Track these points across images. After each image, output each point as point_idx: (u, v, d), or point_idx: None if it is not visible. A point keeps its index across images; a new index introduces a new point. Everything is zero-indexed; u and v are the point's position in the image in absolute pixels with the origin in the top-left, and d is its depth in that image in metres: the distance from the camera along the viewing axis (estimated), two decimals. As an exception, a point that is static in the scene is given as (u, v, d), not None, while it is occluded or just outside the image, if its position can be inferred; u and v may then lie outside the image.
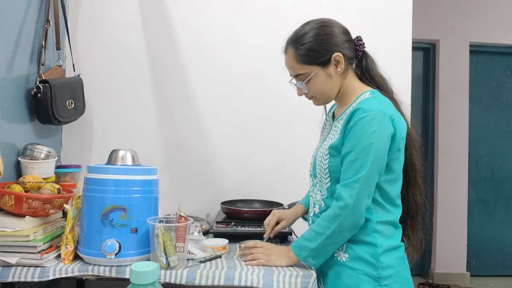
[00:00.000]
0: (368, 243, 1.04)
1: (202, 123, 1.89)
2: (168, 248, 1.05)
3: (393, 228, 1.08)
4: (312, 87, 1.11)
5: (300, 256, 1.07)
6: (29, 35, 1.51)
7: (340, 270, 1.06)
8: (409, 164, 1.12)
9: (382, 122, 1.00)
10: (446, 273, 3.31)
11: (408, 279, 1.07)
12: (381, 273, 1.01)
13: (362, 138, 0.99)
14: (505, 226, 3.50)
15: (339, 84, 1.12)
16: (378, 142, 0.99)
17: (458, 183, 3.37)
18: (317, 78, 1.09)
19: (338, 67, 1.08)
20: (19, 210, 1.16)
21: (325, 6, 1.92)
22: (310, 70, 1.09)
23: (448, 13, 3.37)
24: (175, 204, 1.39)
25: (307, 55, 1.07)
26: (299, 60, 1.09)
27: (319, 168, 1.12)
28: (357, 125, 1.00)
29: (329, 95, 1.13)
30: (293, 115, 1.91)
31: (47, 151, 1.46)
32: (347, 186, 1.00)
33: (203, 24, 1.89)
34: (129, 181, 1.12)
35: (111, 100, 1.86)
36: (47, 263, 1.08)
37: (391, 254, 1.04)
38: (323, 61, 1.07)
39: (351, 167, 1.01)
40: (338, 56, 1.07)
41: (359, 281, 1.02)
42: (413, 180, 1.14)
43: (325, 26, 1.10)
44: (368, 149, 0.98)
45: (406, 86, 1.93)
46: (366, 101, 1.04)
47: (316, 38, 1.07)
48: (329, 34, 1.08)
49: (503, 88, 3.53)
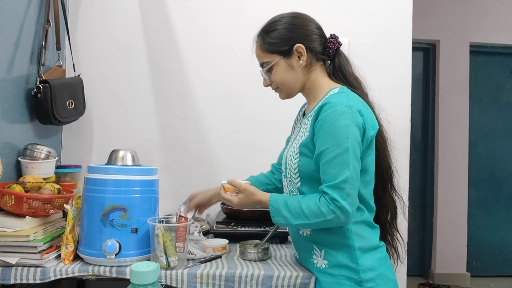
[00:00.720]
0: (346, 246, 1.02)
1: (202, 123, 1.89)
2: (168, 248, 1.05)
3: (369, 228, 1.06)
4: (274, 77, 1.11)
5: (274, 218, 1.03)
6: (29, 35, 1.51)
7: (321, 277, 1.05)
8: (384, 166, 1.10)
9: (352, 115, 0.96)
10: (446, 274, 3.31)
11: (391, 278, 1.05)
12: (362, 276, 0.99)
13: (335, 133, 0.96)
14: (505, 226, 3.50)
15: (303, 78, 1.10)
16: (352, 136, 0.96)
17: (458, 184, 3.37)
18: (278, 67, 1.09)
19: (300, 59, 1.07)
20: (19, 210, 1.16)
21: (325, 7, 1.92)
22: (272, 59, 1.09)
23: (448, 14, 3.37)
24: (175, 204, 1.39)
25: (270, 43, 1.09)
26: (263, 48, 1.10)
27: (289, 168, 1.09)
28: (327, 120, 0.97)
29: (291, 87, 1.12)
30: (292, 116, 1.89)
31: (47, 151, 1.46)
32: (336, 187, 0.95)
33: (203, 25, 1.89)
34: (129, 181, 1.12)
35: (111, 100, 1.86)
36: (47, 263, 1.08)
37: (370, 255, 1.02)
38: (285, 51, 1.07)
39: (331, 166, 0.96)
40: (300, 48, 1.07)
41: (341, 286, 1.00)
42: (388, 183, 1.12)
43: (294, 17, 1.11)
44: (345, 145, 0.95)
45: (406, 86, 1.93)
46: (333, 96, 1.03)
47: (282, 27, 1.08)
48: (296, 25, 1.09)
49: (503, 88, 3.53)
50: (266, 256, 1.21)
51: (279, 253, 1.30)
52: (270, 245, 1.40)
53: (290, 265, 1.14)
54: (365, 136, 1.00)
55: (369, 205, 1.07)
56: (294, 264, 1.15)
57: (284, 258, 1.23)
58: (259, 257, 1.19)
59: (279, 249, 1.36)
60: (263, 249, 1.20)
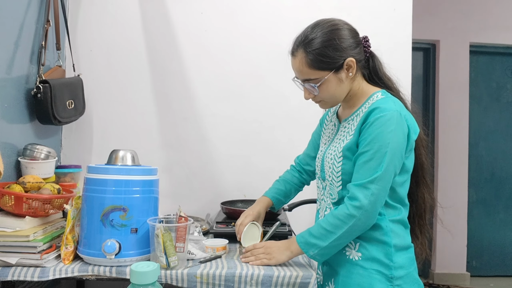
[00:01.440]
0: (382, 242, 1.03)
1: (202, 123, 1.89)
2: (168, 248, 1.05)
3: (403, 227, 1.08)
4: (323, 92, 1.07)
5: (308, 253, 1.05)
6: (29, 35, 1.51)
7: (352, 269, 1.05)
8: (418, 163, 1.12)
9: (399, 122, 0.99)
10: (446, 274, 3.31)
11: (417, 280, 1.07)
12: (394, 273, 1.01)
13: (379, 137, 0.98)
14: (505, 226, 3.50)
15: (349, 88, 1.09)
16: (395, 142, 0.98)
17: (458, 184, 3.37)
18: (329, 83, 1.05)
19: (349, 71, 1.06)
20: (19, 210, 1.16)
21: (325, 7, 1.92)
22: (322, 76, 1.04)
23: (448, 14, 3.37)
24: (175, 204, 1.39)
25: (320, 61, 1.03)
26: (311, 66, 1.04)
27: (330, 171, 1.10)
28: (374, 124, 0.99)
29: (338, 99, 1.11)
30: (292, 116, 1.91)
31: (47, 151, 1.46)
32: (362, 186, 0.98)
33: (203, 25, 1.89)
34: (129, 181, 1.12)
35: (111, 100, 1.86)
36: (47, 263, 1.08)
37: (403, 254, 1.04)
38: (336, 67, 1.04)
39: (365, 167, 0.99)
40: (351, 62, 1.04)
41: (372, 280, 1.01)
42: (422, 180, 1.13)
43: (336, 29, 1.05)
44: (385, 149, 0.97)
45: (406, 86, 1.92)
46: (381, 101, 1.03)
47: (328, 44, 1.02)
48: (341, 38, 1.04)
49: (503, 88, 3.53)
50: None
51: (279, 253, 1.30)
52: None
53: (290, 265, 1.14)
54: (409, 141, 1.02)
55: (405, 203, 1.09)
56: (294, 264, 1.15)
57: (284, 258, 1.23)
58: None
59: (279, 249, 1.36)
60: None
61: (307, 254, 1.06)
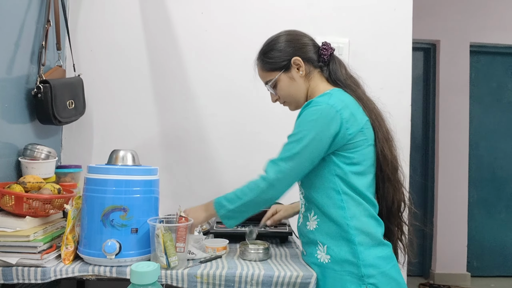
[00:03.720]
0: (347, 241, 1.03)
1: (202, 123, 1.89)
2: (169, 248, 1.05)
3: (371, 225, 1.06)
4: (280, 91, 1.20)
5: (219, 212, 1.13)
6: (30, 35, 1.51)
7: (325, 272, 1.06)
8: (381, 159, 1.11)
9: (325, 114, 1.04)
10: (446, 274, 3.31)
11: (396, 279, 1.05)
12: (363, 271, 1.01)
13: (300, 124, 1.07)
14: (506, 226, 3.50)
15: (305, 87, 1.18)
16: (313, 131, 1.03)
17: (458, 184, 3.38)
18: (281, 82, 1.18)
19: (300, 70, 1.16)
20: (19, 210, 1.16)
21: (325, 7, 1.92)
22: (274, 76, 1.18)
23: (448, 14, 3.37)
24: (175, 204, 1.39)
25: (269, 63, 1.18)
26: (263, 68, 1.20)
27: None
28: (301, 114, 1.08)
29: (297, 98, 1.19)
30: (292, 116, 1.90)
31: (48, 151, 1.46)
32: (273, 162, 1.07)
33: (203, 24, 1.89)
34: (129, 181, 1.12)
35: (111, 100, 1.86)
36: (47, 263, 1.08)
37: (372, 252, 1.03)
38: (284, 65, 1.16)
39: (283, 148, 1.08)
40: (297, 60, 1.15)
41: (343, 282, 1.02)
42: (388, 176, 1.12)
43: (287, 35, 1.19)
44: (301, 135, 1.04)
45: (406, 86, 1.93)
46: (319, 96, 1.10)
47: (277, 46, 1.17)
48: (290, 41, 1.17)
49: (503, 88, 3.53)
50: (266, 256, 1.21)
51: (279, 253, 1.30)
52: (270, 245, 1.40)
53: (290, 265, 1.14)
54: (341, 134, 1.05)
55: (367, 197, 1.08)
56: (294, 264, 1.15)
57: (284, 258, 1.23)
58: (259, 257, 1.19)
59: (279, 249, 1.36)
60: (263, 249, 1.20)
61: (218, 213, 1.13)
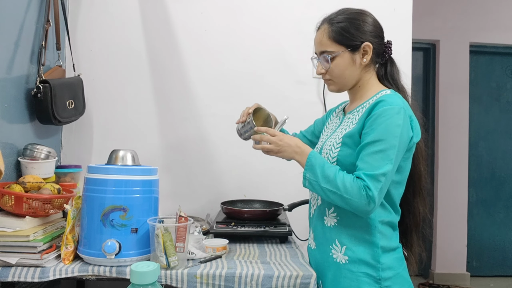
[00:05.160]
0: (369, 243, 1.03)
1: (202, 123, 1.89)
2: (168, 248, 1.05)
3: (391, 229, 1.08)
4: (334, 68, 1.09)
5: (305, 173, 1.04)
6: (29, 35, 1.51)
7: (340, 272, 1.05)
8: (416, 172, 1.12)
9: (405, 119, 0.99)
10: (446, 274, 3.31)
11: (407, 279, 1.07)
12: (382, 274, 1.01)
13: (389, 129, 0.97)
14: (505, 226, 3.50)
15: (359, 75, 1.11)
16: (402, 137, 0.98)
17: (458, 184, 3.38)
18: (342, 59, 1.08)
19: (364, 57, 1.08)
20: (19, 210, 1.16)
21: (325, 7, 1.89)
22: (338, 50, 1.08)
23: (448, 13, 3.37)
24: (175, 204, 1.39)
25: (340, 34, 1.07)
26: (331, 37, 1.08)
27: (326, 157, 1.09)
28: (383, 115, 0.98)
29: (346, 82, 1.12)
30: (292, 115, 1.89)
31: (47, 151, 1.46)
32: (374, 178, 0.95)
33: (203, 25, 1.90)
34: (129, 181, 1.12)
35: (111, 100, 1.86)
36: (47, 263, 1.08)
37: (390, 255, 1.04)
38: (353, 45, 1.07)
39: (374, 157, 0.96)
40: (368, 46, 1.07)
41: (359, 283, 1.01)
42: (418, 190, 1.13)
43: (362, 14, 1.11)
44: (394, 142, 0.96)
45: (406, 86, 1.92)
46: (389, 96, 1.03)
47: (353, 22, 1.08)
48: (365, 22, 1.09)
49: (503, 88, 3.53)
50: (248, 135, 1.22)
51: (279, 253, 1.30)
52: (270, 245, 1.41)
53: (290, 265, 1.14)
54: (410, 141, 1.02)
55: (396, 207, 1.08)
56: (294, 264, 1.15)
57: (284, 258, 1.23)
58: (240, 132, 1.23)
59: (279, 249, 1.36)
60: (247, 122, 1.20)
61: (304, 173, 1.05)
